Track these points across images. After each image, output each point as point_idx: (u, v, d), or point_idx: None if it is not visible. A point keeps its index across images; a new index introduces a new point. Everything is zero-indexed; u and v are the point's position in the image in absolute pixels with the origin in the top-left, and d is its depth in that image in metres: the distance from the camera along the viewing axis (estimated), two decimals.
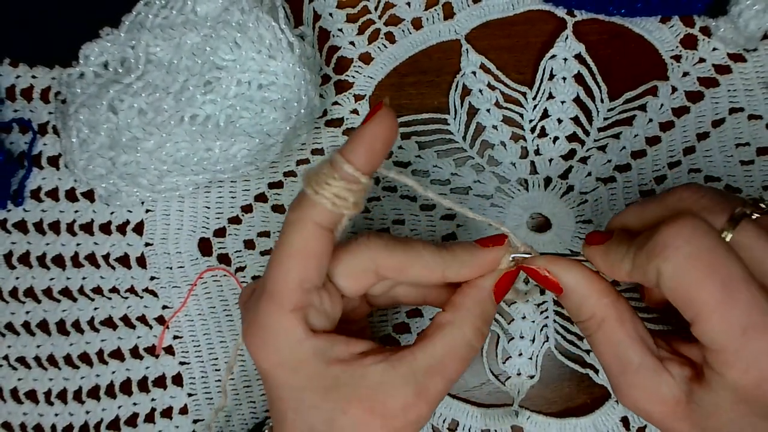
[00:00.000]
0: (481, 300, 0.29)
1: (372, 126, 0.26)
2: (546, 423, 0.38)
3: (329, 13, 0.43)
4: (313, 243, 0.26)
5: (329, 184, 0.26)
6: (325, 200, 0.26)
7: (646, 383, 0.26)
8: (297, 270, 0.26)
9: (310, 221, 0.26)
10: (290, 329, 0.26)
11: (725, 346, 0.24)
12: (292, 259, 0.26)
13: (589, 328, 0.28)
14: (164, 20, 0.37)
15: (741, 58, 0.40)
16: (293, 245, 0.26)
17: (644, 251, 0.25)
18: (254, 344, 0.27)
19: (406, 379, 0.27)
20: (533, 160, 0.40)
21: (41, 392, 0.41)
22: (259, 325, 0.27)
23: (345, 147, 0.26)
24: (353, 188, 0.26)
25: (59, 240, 0.42)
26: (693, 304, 0.24)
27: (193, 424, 0.40)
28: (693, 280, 0.24)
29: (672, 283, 0.24)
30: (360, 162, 0.26)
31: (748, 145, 0.39)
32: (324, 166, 0.26)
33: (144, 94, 0.36)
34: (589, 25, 0.41)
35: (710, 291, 0.24)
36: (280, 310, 0.26)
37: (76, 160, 0.38)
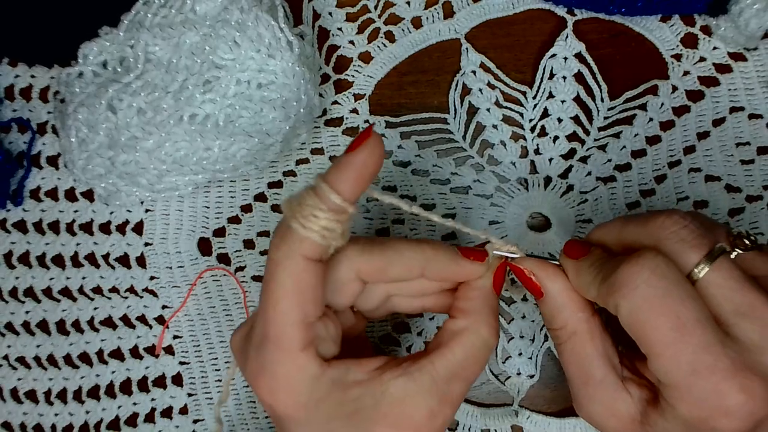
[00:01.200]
0: (487, 299, 0.29)
1: (362, 154, 0.25)
2: (546, 422, 0.38)
3: (329, 12, 0.43)
4: (306, 278, 0.25)
5: (316, 216, 0.25)
6: (314, 234, 0.25)
7: (605, 399, 0.28)
8: (296, 310, 0.25)
9: (299, 257, 0.25)
10: (304, 369, 0.26)
11: (676, 384, 0.25)
12: (288, 299, 0.25)
13: (559, 337, 0.29)
14: (163, 19, 0.37)
15: (741, 57, 0.40)
16: (287, 284, 0.25)
17: (606, 284, 0.26)
18: (267, 392, 0.26)
19: (429, 388, 0.26)
20: (533, 160, 0.40)
21: (41, 392, 0.41)
22: (270, 373, 0.26)
23: (331, 175, 0.25)
24: (341, 219, 0.25)
25: (59, 240, 0.42)
26: (647, 341, 0.25)
27: (193, 424, 0.40)
28: (646, 320, 0.25)
29: (628, 320, 0.25)
30: (347, 192, 0.25)
31: (748, 145, 0.39)
32: (308, 196, 0.25)
33: (143, 94, 0.36)
34: (590, 24, 0.41)
35: (662, 332, 0.24)
36: (290, 355, 0.25)
37: (75, 159, 0.38)
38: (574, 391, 0.29)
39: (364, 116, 0.42)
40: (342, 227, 0.26)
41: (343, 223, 0.26)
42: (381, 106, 0.42)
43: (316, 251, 0.25)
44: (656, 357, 0.25)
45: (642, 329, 0.25)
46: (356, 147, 0.25)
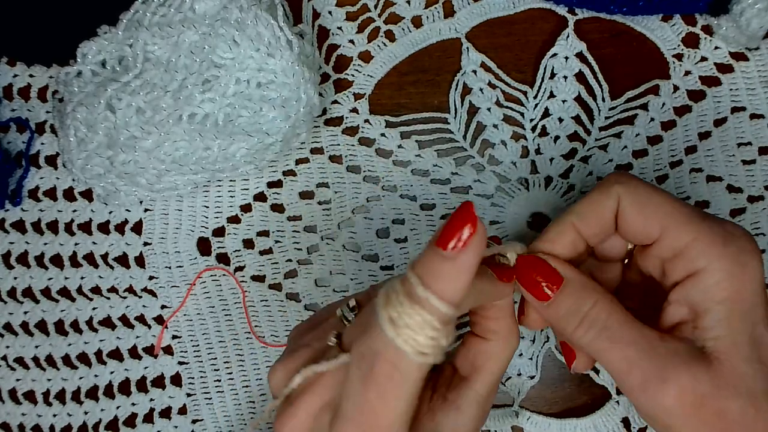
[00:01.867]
0: (510, 311, 0.29)
1: (472, 253, 0.21)
2: (546, 423, 0.38)
3: (328, 11, 0.42)
4: (418, 393, 0.22)
5: (434, 339, 0.21)
6: (431, 358, 0.21)
7: (679, 348, 0.25)
8: (407, 425, 0.23)
9: (416, 380, 0.22)
10: None
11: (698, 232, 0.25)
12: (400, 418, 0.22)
13: (598, 318, 0.26)
14: (162, 18, 0.36)
15: (743, 57, 0.40)
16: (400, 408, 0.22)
17: (596, 188, 0.27)
18: None
19: (476, 415, 0.27)
20: (534, 160, 0.40)
21: (39, 393, 0.41)
22: None
23: (438, 282, 0.21)
24: (450, 330, 0.21)
25: (57, 240, 0.42)
26: (659, 209, 0.26)
27: (192, 424, 0.40)
28: (654, 191, 0.27)
29: (635, 198, 0.26)
30: (456, 299, 0.21)
31: (750, 145, 0.39)
32: (415, 313, 0.21)
33: (142, 93, 0.36)
34: (591, 23, 0.41)
35: (667, 195, 0.26)
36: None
37: (74, 159, 0.37)
38: (648, 371, 0.24)
39: (364, 116, 0.41)
40: (448, 339, 0.22)
41: (450, 334, 0.22)
42: (381, 105, 0.42)
43: (430, 367, 0.22)
44: (675, 218, 0.26)
45: (652, 200, 0.26)
46: (463, 244, 0.21)
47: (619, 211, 0.27)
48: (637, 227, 0.27)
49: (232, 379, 0.40)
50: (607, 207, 0.27)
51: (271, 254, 0.41)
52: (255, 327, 0.40)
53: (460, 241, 0.21)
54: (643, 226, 0.27)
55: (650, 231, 0.27)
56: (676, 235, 0.26)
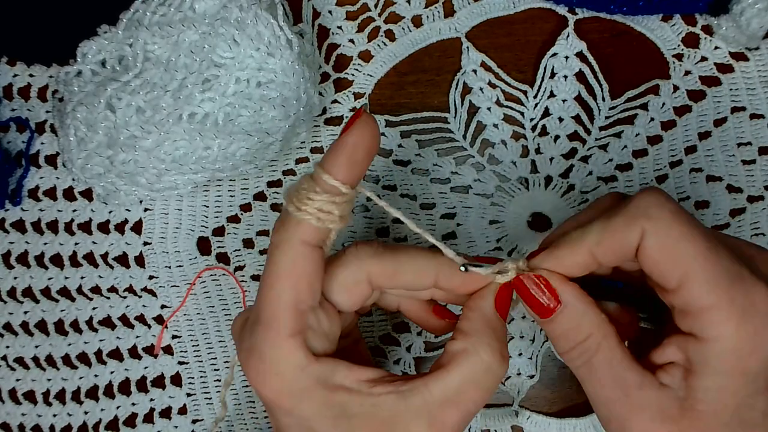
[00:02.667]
0: (488, 320, 0.27)
1: (351, 135, 0.25)
2: (546, 423, 0.38)
3: (328, 11, 0.42)
4: (302, 263, 0.25)
5: (311, 199, 0.25)
6: (309, 216, 0.25)
7: (653, 402, 0.25)
8: (289, 293, 0.25)
9: (296, 240, 0.25)
10: (290, 356, 0.25)
11: (718, 299, 0.23)
12: (282, 282, 0.25)
13: (587, 350, 0.26)
14: (162, 18, 0.36)
15: (743, 57, 0.40)
16: (282, 268, 0.25)
17: (621, 216, 0.25)
18: (255, 374, 0.26)
19: (419, 412, 0.25)
20: (534, 159, 0.40)
21: (39, 393, 0.41)
22: (258, 354, 0.26)
23: (324, 159, 0.26)
24: (337, 200, 0.25)
25: (57, 239, 0.42)
26: (682, 258, 0.24)
27: (192, 424, 0.40)
28: (681, 234, 0.24)
29: (659, 241, 0.24)
30: (341, 173, 0.25)
31: (749, 145, 0.39)
32: (304, 181, 0.26)
33: (142, 92, 0.36)
34: (591, 23, 0.41)
35: (698, 243, 0.24)
36: (277, 337, 0.25)
37: (74, 158, 0.37)
38: (615, 414, 0.26)
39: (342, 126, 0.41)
40: (339, 209, 0.26)
41: (340, 205, 0.26)
42: (381, 105, 0.42)
43: (312, 235, 0.25)
44: (694, 275, 0.23)
45: (675, 247, 0.24)
46: (347, 129, 0.26)
47: (641, 247, 0.25)
48: (655, 271, 0.25)
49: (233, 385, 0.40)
50: (629, 241, 0.25)
51: None
52: None
53: (347, 126, 0.26)
54: (660, 273, 0.25)
55: (667, 280, 0.24)
56: (694, 294, 0.24)
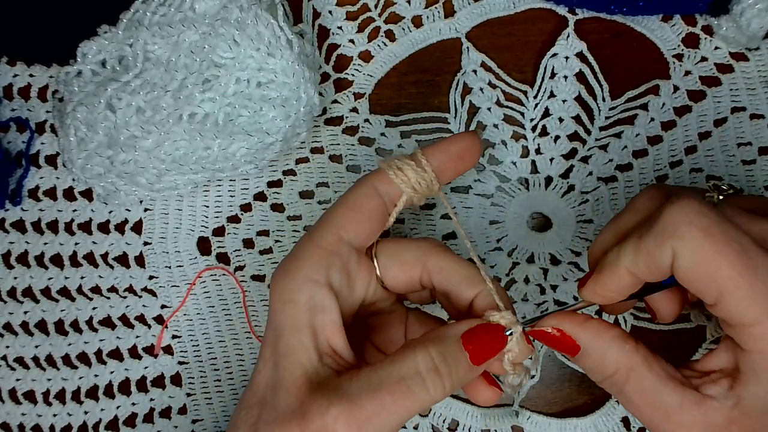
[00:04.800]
0: (444, 335, 0.26)
1: (460, 138, 0.29)
2: (546, 423, 0.38)
3: (329, 11, 0.42)
4: (363, 200, 0.28)
5: (399, 160, 0.29)
6: (390, 170, 0.29)
7: (696, 419, 0.25)
8: (339, 218, 0.28)
9: (369, 182, 0.29)
10: (316, 264, 0.27)
11: (758, 315, 0.23)
12: (339, 207, 0.28)
13: (617, 383, 0.26)
14: (162, 18, 0.36)
15: (743, 57, 0.40)
16: (346, 199, 0.29)
17: (651, 235, 0.24)
18: (279, 274, 0.28)
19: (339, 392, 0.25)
20: (534, 159, 0.40)
21: (39, 392, 0.41)
22: (291, 258, 0.28)
23: (428, 146, 0.30)
24: (418, 170, 0.29)
25: (57, 239, 0.42)
26: (716, 278, 0.23)
27: (192, 424, 0.40)
28: (713, 253, 0.23)
29: (691, 261, 0.23)
30: (434, 159, 0.29)
31: (750, 145, 0.39)
32: (403, 157, 0.29)
33: (142, 93, 0.36)
34: (591, 23, 0.41)
35: (733, 261, 0.23)
36: (313, 247, 0.28)
37: (74, 158, 0.37)
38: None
39: (364, 115, 0.41)
40: (417, 177, 0.29)
41: (420, 175, 0.29)
42: (381, 105, 0.42)
43: (385, 183, 0.29)
44: (730, 292, 0.23)
45: (709, 265, 0.23)
46: (459, 135, 0.30)
47: (674, 266, 0.24)
48: (691, 288, 0.25)
49: (232, 379, 0.40)
50: (662, 261, 0.24)
51: (271, 254, 0.41)
52: (255, 327, 0.40)
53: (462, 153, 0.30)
54: (697, 291, 0.24)
55: (705, 297, 0.24)
56: (732, 311, 0.24)
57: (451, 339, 0.26)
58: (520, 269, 0.39)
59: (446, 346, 0.26)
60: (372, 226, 0.29)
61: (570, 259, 0.39)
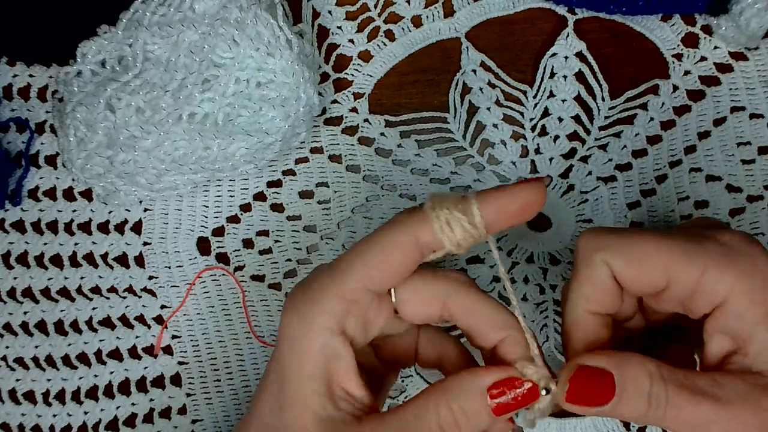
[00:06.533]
0: (467, 389, 0.26)
1: (524, 193, 0.25)
2: (546, 423, 0.38)
3: (328, 11, 0.42)
4: (398, 251, 0.25)
5: (449, 210, 0.25)
6: (436, 221, 0.25)
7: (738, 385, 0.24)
8: (367, 265, 0.25)
9: (410, 230, 0.25)
10: (332, 310, 0.25)
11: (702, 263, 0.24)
12: (370, 251, 0.26)
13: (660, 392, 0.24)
14: (162, 18, 0.36)
15: (742, 57, 0.40)
16: (379, 242, 0.26)
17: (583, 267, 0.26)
18: (291, 307, 0.26)
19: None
20: (534, 159, 0.40)
21: (39, 393, 0.41)
22: (304, 289, 0.26)
23: (486, 191, 0.26)
24: (467, 227, 0.25)
25: (57, 240, 0.42)
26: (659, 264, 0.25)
27: (191, 424, 0.40)
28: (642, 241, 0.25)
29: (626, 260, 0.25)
30: (490, 215, 0.25)
31: (749, 144, 0.39)
32: (455, 196, 0.26)
33: (142, 93, 0.36)
34: (590, 23, 0.41)
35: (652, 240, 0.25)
36: (333, 286, 0.26)
37: (73, 159, 0.37)
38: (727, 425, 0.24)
39: (363, 115, 0.41)
40: (463, 236, 0.25)
41: (466, 233, 0.25)
42: (380, 105, 0.42)
43: (426, 237, 0.25)
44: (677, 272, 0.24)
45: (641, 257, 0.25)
46: (525, 185, 0.25)
47: (615, 275, 0.26)
48: (640, 285, 0.26)
49: (231, 379, 0.40)
50: (603, 280, 0.26)
51: (270, 254, 0.41)
52: (255, 327, 0.40)
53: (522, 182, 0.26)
54: (645, 282, 0.25)
55: (655, 283, 0.25)
56: (683, 276, 0.25)
57: (475, 392, 0.25)
58: (520, 269, 0.39)
59: (469, 401, 0.25)
60: (402, 275, 0.26)
61: (569, 259, 0.39)
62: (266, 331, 0.40)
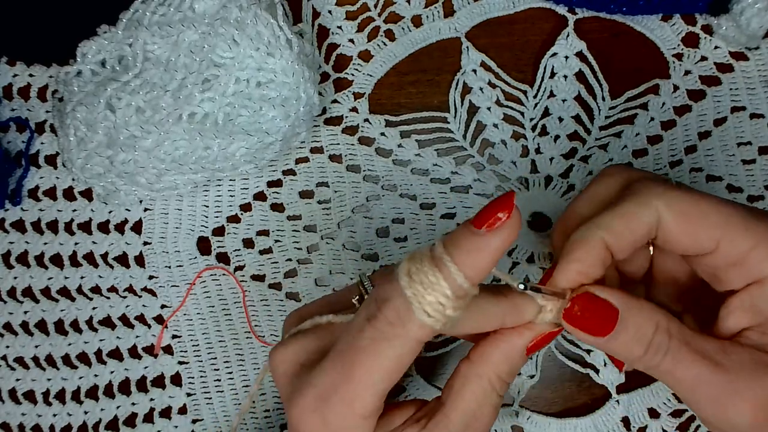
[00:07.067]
0: (511, 356, 0.26)
1: (500, 239, 0.22)
2: (546, 423, 0.38)
3: (328, 11, 0.42)
4: (409, 357, 0.24)
5: (442, 305, 0.22)
6: (438, 323, 0.22)
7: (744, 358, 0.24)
8: (386, 383, 0.24)
9: (414, 341, 0.23)
10: (358, 430, 0.25)
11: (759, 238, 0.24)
12: (383, 373, 0.23)
13: (661, 343, 0.25)
14: (162, 17, 0.36)
15: (743, 57, 0.40)
16: (389, 361, 0.23)
17: (632, 199, 0.25)
18: (307, 428, 0.25)
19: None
20: (534, 159, 0.40)
21: (39, 392, 0.41)
22: (323, 421, 0.24)
23: (459, 253, 0.22)
24: (462, 305, 0.22)
25: (57, 239, 0.42)
26: (711, 221, 0.24)
27: (192, 424, 0.40)
28: (700, 199, 0.24)
29: (685, 209, 0.24)
30: (477, 276, 0.22)
31: (749, 144, 0.39)
32: (433, 276, 0.22)
33: (142, 92, 0.36)
34: (590, 23, 0.41)
35: (721, 202, 0.24)
36: (354, 416, 0.24)
37: (73, 158, 0.37)
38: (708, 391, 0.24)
39: (363, 115, 0.41)
40: (460, 312, 0.23)
41: (463, 309, 0.23)
42: (381, 104, 0.42)
43: (430, 336, 0.23)
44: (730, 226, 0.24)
45: (703, 209, 0.24)
46: (493, 224, 0.22)
47: (662, 226, 0.24)
48: (687, 242, 0.25)
49: (232, 379, 0.40)
50: (643, 223, 0.25)
51: (270, 254, 0.41)
52: (255, 326, 0.40)
53: (492, 223, 0.22)
54: (694, 241, 0.25)
55: (703, 244, 0.25)
56: (733, 245, 0.24)
57: (517, 355, 0.26)
58: (520, 269, 0.39)
59: (512, 362, 0.26)
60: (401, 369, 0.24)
61: None
62: (266, 331, 0.40)
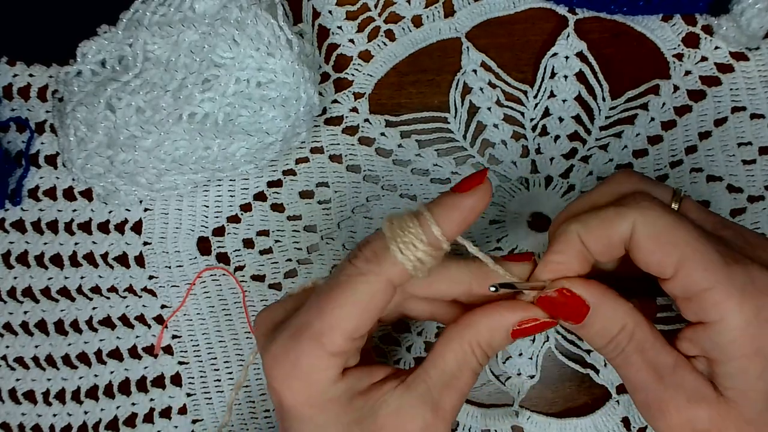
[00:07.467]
0: (496, 329, 0.27)
1: (472, 199, 0.26)
2: (546, 423, 0.38)
3: (328, 11, 0.42)
4: (380, 298, 0.26)
5: (416, 247, 0.25)
6: (409, 262, 0.25)
7: (687, 382, 0.25)
8: (356, 321, 0.25)
9: (385, 279, 0.25)
10: (328, 371, 0.26)
11: (716, 279, 0.24)
12: (351, 308, 0.25)
13: (620, 343, 0.26)
14: (162, 18, 0.36)
15: (743, 57, 0.40)
16: (358, 297, 0.25)
17: (612, 208, 0.26)
18: (282, 379, 0.26)
19: (423, 398, 0.26)
20: (534, 159, 0.40)
21: (39, 392, 0.41)
22: (292, 361, 0.26)
23: (438, 210, 0.26)
24: (435, 254, 0.26)
25: (57, 239, 0.42)
26: (677, 243, 0.25)
27: (192, 424, 0.40)
28: (673, 222, 0.25)
29: (653, 229, 0.25)
30: (450, 231, 0.25)
31: (750, 145, 0.39)
32: (411, 224, 0.25)
33: (142, 92, 0.36)
34: (591, 23, 0.41)
35: (689, 229, 0.25)
36: (322, 354, 0.25)
37: (74, 158, 0.37)
38: (652, 397, 0.26)
39: (364, 115, 0.41)
40: (433, 263, 0.26)
41: (436, 259, 0.26)
42: (381, 105, 0.42)
43: (401, 278, 0.26)
44: (690, 258, 0.24)
45: (671, 233, 0.25)
46: (468, 189, 0.26)
47: (633, 239, 0.25)
48: (650, 262, 0.25)
49: (232, 379, 0.40)
50: (617, 232, 0.25)
51: (271, 254, 0.41)
52: None
53: (467, 188, 0.26)
54: (657, 263, 0.25)
55: (663, 269, 0.25)
56: (691, 279, 0.24)
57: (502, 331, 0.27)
58: None
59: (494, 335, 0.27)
60: (384, 310, 0.26)
61: None
62: None
